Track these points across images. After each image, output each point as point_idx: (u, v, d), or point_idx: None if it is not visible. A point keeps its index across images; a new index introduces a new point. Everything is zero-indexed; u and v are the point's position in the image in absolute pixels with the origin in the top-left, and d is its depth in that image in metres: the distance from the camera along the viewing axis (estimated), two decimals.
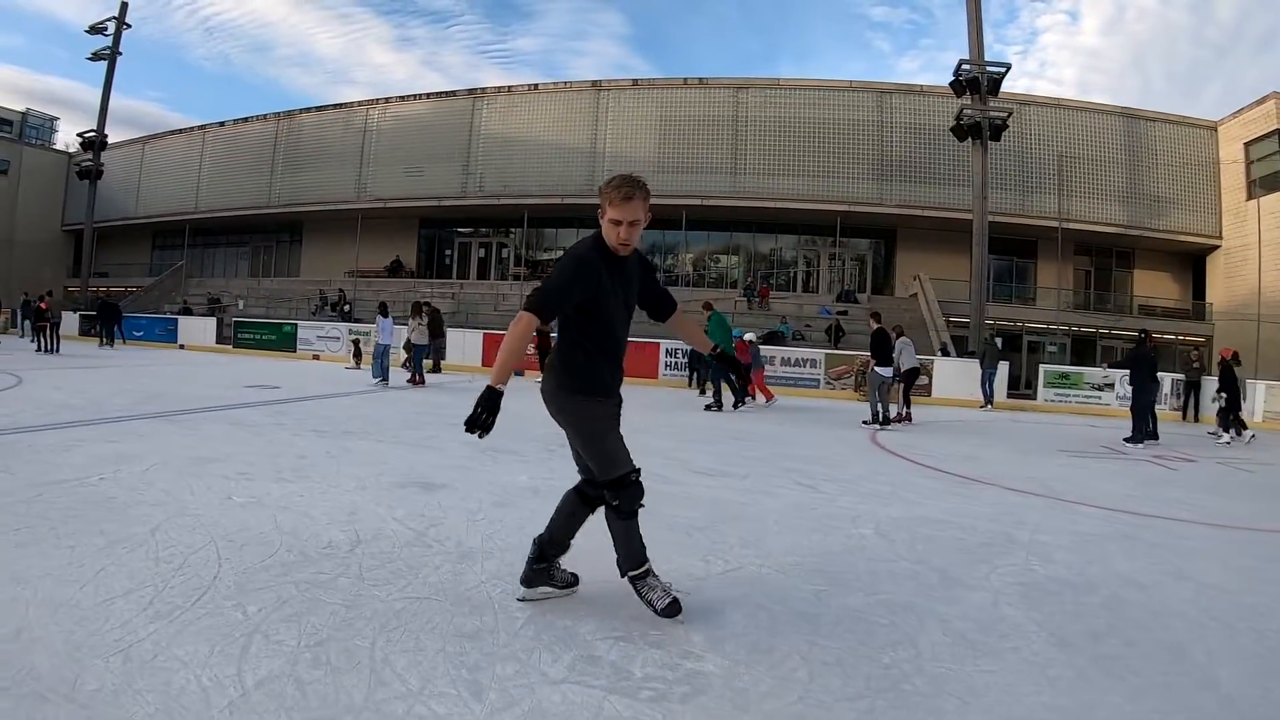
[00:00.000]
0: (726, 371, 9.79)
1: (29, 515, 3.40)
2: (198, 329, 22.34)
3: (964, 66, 18.23)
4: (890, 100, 23.36)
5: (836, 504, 4.50)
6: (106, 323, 20.93)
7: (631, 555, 2.51)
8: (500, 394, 2.19)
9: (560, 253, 25.35)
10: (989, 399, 14.61)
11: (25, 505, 3.56)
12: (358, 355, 16.72)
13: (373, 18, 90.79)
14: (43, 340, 17.14)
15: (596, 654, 2.19)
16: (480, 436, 2.20)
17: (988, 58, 18.05)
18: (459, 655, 2.13)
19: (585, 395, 2.41)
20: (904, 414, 10.55)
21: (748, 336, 12.69)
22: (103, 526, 3.24)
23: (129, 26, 24.97)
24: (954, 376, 15.90)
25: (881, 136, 22.97)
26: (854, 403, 14.48)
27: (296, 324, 20.49)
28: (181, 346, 21.81)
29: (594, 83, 24.36)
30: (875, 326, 10.17)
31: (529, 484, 4.64)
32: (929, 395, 15.58)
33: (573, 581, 2.69)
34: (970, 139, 18.28)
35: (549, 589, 2.63)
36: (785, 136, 23.06)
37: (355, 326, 19.54)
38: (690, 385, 15.51)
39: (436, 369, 15.65)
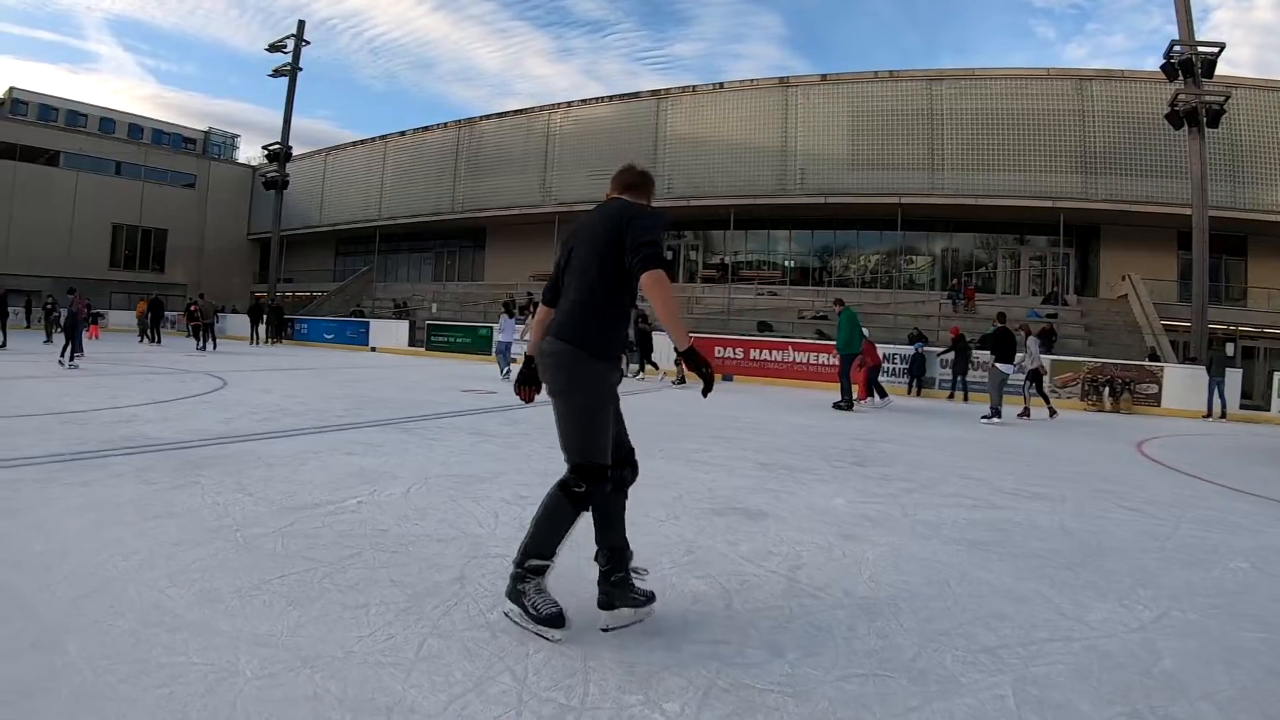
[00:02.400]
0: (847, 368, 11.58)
1: (290, 555, 2.93)
2: (389, 332, 23.85)
3: (1175, 48, 18.09)
4: (1090, 87, 23.31)
5: (1181, 532, 4.33)
6: (259, 323, 23.88)
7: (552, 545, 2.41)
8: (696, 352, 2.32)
9: (748, 255, 26.32)
10: (1219, 409, 14.69)
11: (280, 540, 3.12)
12: None
13: (531, 31, 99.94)
14: (197, 339, 20.01)
15: None
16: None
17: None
18: None
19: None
20: (1026, 410, 11.93)
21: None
22: (392, 573, 2.79)
23: (308, 43, 26.09)
24: (1182, 384, 15.81)
25: (1083, 126, 23.06)
26: (1085, 412, 14.88)
27: (492, 327, 20.91)
28: (373, 349, 23.47)
29: (780, 79, 24.77)
30: (998, 326, 11.32)
31: (850, 509, 4.39)
32: (1158, 405, 15.90)
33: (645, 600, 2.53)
34: (1186, 126, 18.32)
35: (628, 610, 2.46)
36: (983, 129, 23.27)
37: None
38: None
39: (640, 373, 16.19)
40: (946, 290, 22.69)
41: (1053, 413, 12.30)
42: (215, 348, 19.30)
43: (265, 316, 24.33)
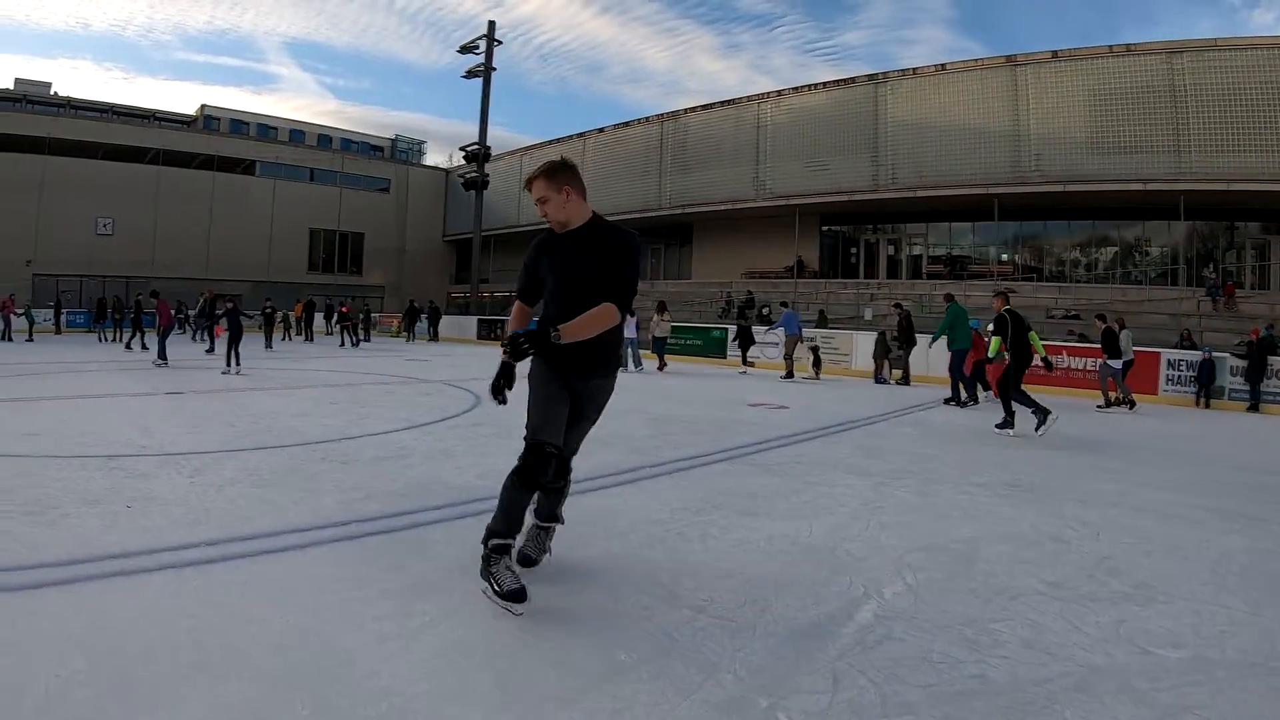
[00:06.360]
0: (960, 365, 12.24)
1: None
2: None
3: None
4: None
5: None
6: (416, 322, 26.70)
7: (507, 524, 2.70)
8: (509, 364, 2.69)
9: (972, 249, 26.53)
10: None
11: None
12: (817, 364, 16.87)
13: (698, 28, 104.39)
14: (345, 338, 22.30)
15: None
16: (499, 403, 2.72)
17: None
18: None
19: (538, 360, 2.83)
20: (1120, 398, 13.14)
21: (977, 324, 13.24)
22: None
23: (499, 43, 26.38)
24: None
25: None
26: None
27: (726, 329, 21.22)
28: None
29: (1008, 58, 24.50)
30: (1104, 326, 13.18)
31: None
32: None
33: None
34: None
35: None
36: (1230, 106, 22.92)
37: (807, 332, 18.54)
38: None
39: (905, 380, 16.02)
40: (1205, 286, 22.91)
41: (1109, 404, 12.99)
42: (357, 345, 22.01)
43: (420, 316, 26.99)
